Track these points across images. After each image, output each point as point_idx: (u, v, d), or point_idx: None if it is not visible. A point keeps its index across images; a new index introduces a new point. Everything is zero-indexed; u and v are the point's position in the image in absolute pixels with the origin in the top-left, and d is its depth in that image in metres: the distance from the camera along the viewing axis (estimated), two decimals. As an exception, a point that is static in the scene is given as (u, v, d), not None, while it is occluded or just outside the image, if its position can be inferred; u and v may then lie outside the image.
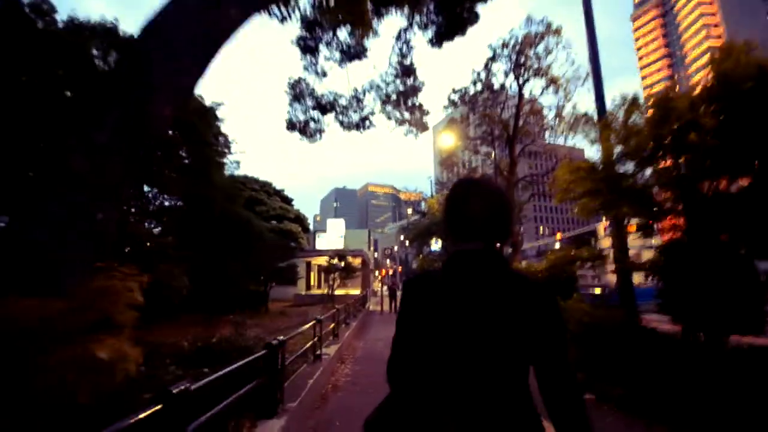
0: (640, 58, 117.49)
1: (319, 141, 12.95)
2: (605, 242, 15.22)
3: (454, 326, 0.91)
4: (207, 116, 16.85)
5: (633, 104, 5.00)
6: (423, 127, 12.68)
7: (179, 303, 11.46)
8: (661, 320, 4.99)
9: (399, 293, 1.38)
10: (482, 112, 13.23)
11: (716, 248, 4.01)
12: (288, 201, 30.66)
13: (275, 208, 27.20)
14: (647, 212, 5.04)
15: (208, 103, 17.21)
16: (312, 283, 25.64)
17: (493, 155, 12.84)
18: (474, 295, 0.91)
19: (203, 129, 16.34)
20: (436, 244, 28.26)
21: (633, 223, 5.99)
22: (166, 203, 18.30)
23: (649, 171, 5.05)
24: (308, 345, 5.55)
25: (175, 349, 4.51)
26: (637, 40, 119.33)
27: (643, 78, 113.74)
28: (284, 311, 17.21)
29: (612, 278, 13.88)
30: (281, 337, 3.81)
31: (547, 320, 0.91)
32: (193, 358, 4.24)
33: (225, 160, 23.75)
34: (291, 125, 13.06)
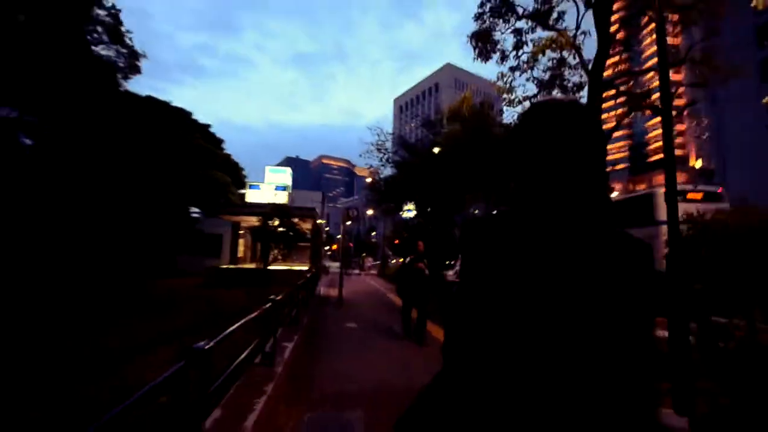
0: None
1: None
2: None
3: (548, 287, 0.67)
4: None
5: None
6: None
7: None
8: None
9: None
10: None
11: None
12: (216, 142, 22.87)
13: (193, 147, 19.45)
14: None
15: None
16: (240, 255, 18.66)
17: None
18: (570, 250, 0.68)
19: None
20: (408, 211, 22.53)
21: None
22: None
23: None
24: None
25: None
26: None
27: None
28: (182, 297, 10.50)
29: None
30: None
31: (646, 292, 0.69)
32: None
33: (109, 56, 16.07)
34: None
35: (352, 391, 3.90)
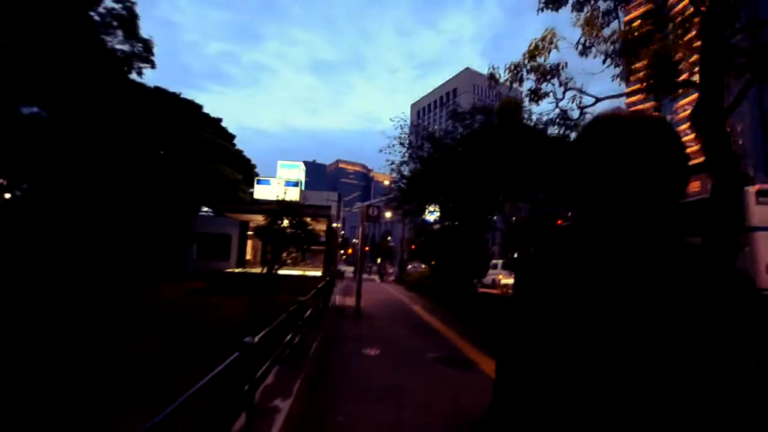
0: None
1: None
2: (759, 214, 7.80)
3: (622, 325, 0.59)
4: None
5: None
6: None
7: None
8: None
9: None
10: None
11: None
12: (227, 137, 21.68)
13: (202, 141, 18.23)
14: None
15: None
16: (249, 257, 17.20)
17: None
18: (657, 284, 0.59)
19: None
20: (432, 213, 20.76)
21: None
22: None
23: None
24: None
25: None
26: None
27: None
28: (174, 307, 9.00)
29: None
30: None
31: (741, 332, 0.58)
32: None
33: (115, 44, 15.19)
34: None
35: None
